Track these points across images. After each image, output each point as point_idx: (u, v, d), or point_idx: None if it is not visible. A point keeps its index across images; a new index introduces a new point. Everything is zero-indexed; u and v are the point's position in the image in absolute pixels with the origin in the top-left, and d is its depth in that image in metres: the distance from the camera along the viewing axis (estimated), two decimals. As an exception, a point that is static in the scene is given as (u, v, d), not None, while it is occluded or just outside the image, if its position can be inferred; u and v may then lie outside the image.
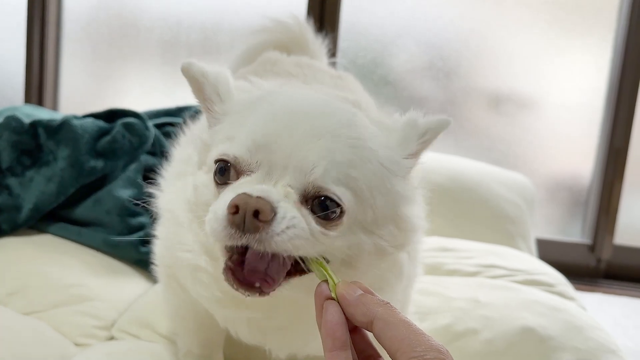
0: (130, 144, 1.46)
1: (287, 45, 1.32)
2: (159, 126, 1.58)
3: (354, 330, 0.56)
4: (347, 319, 0.55)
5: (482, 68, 2.45)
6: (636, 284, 2.41)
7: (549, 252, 2.17)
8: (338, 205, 0.63)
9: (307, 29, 1.39)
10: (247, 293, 0.63)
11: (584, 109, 2.44)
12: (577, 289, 1.54)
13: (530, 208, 1.85)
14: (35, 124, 1.41)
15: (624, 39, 2.34)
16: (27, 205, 1.35)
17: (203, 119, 0.79)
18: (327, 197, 0.63)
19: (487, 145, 2.46)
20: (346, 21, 2.41)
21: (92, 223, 1.38)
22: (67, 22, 2.58)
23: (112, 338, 1.14)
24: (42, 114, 1.71)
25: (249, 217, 0.59)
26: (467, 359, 1.05)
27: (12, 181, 1.37)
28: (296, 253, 0.62)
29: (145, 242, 1.35)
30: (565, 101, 2.43)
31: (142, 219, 1.39)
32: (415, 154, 0.73)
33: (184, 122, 0.96)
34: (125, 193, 1.40)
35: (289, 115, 0.67)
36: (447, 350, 0.50)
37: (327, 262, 0.65)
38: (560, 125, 2.45)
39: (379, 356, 0.57)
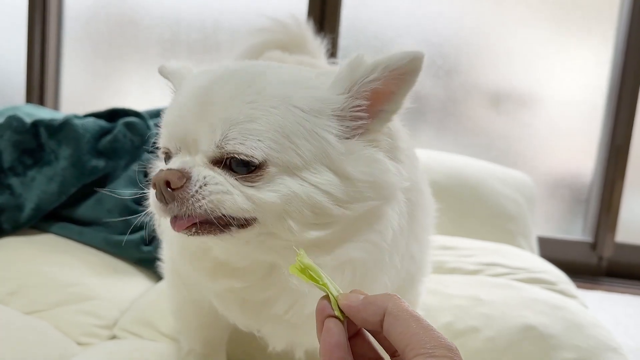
0: (131, 143, 1.46)
1: (287, 45, 1.32)
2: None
3: (356, 334, 0.56)
4: (349, 322, 0.54)
5: (483, 66, 2.45)
6: (638, 282, 2.41)
7: (550, 250, 2.17)
8: (249, 160, 0.65)
9: (307, 29, 1.40)
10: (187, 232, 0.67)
11: (585, 106, 2.44)
12: (579, 287, 1.54)
13: (531, 206, 1.85)
14: (37, 124, 1.41)
15: (625, 36, 2.34)
16: (29, 205, 1.35)
17: None
18: (236, 157, 0.65)
19: (487, 143, 2.46)
20: (346, 19, 2.41)
21: (93, 222, 1.38)
22: (68, 21, 2.58)
23: (114, 337, 1.14)
24: (43, 113, 1.71)
25: (163, 189, 0.65)
26: (468, 357, 1.05)
27: (13, 181, 1.37)
28: (223, 210, 0.65)
29: (147, 241, 1.35)
30: (566, 98, 2.43)
31: (144, 218, 1.39)
32: (369, 99, 0.68)
33: None
34: (126, 192, 1.40)
35: (189, 94, 0.70)
36: (456, 348, 0.50)
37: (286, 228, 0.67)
38: (561, 122, 2.45)
39: (381, 359, 0.57)
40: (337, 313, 0.54)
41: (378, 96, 0.69)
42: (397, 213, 0.74)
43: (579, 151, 2.48)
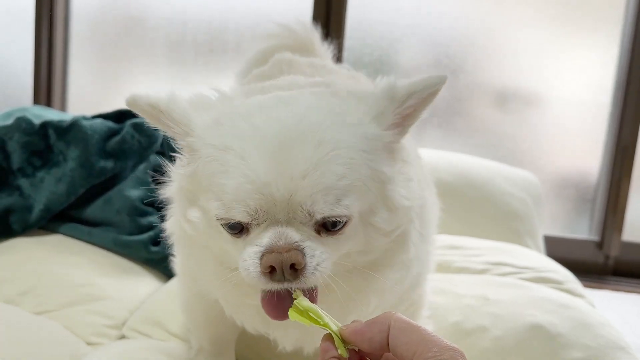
0: (139, 144, 1.47)
1: (295, 49, 1.33)
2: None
3: None
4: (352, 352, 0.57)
5: (488, 65, 2.45)
6: (644, 280, 2.40)
7: (556, 249, 2.17)
8: (345, 219, 0.67)
9: (314, 33, 1.42)
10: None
11: (590, 105, 2.43)
12: (586, 286, 1.54)
13: (537, 205, 1.85)
14: (46, 125, 1.42)
15: (631, 34, 2.33)
16: (38, 206, 1.36)
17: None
18: (332, 220, 0.66)
19: (493, 143, 2.46)
20: (352, 19, 2.41)
21: (102, 223, 1.39)
22: (75, 22, 2.59)
23: (123, 337, 1.15)
24: (51, 114, 1.72)
25: (287, 270, 0.64)
26: (476, 356, 1.05)
27: (23, 182, 1.38)
28: (323, 280, 0.67)
29: (155, 241, 1.36)
30: (572, 98, 2.42)
31: (152, 219, 1.40)
32: (399, 124, 0.71)
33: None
34: (135, 193, 1.41)
35: (262, 158, 0.65)
36: (460, 349, 0.52)
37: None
38: (567, 121, 2.44)
39: None
40: (340, 351, 0.57)
41: (405, 118, 0.72)
42: (415, 229, 0.78)
43: (585, 150, 2.47)
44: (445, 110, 2.43)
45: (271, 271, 0.64)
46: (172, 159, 0.81)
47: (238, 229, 0.67)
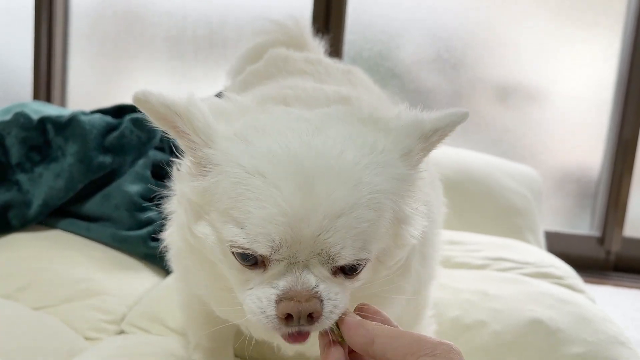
0: (138, 139, 1.46)
1: (287, 44, 1.33)
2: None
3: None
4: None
5: (489, 59, 2.44)
6: (646, 276, 2.40)
7: (557, 244, 2.16)
8: (365, 263, 0.64)
9: (306, 29, 1.41)
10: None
11: (592, 100, 2.42)
12: (587, 282, 1.54)
13: (538, 200, 1.85)
14: (44, 120, 1.41)
15: (633, 28, 2.32)
16: (37, 201, 1.36)
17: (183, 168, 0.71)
18: (354, 265, 0.63)
19: (494, 138, 2.45)
20: (353, 13, 2.40)
21: (100, 218, 1.39)
22: (74, 18, 2.59)
23: (122, 332, 1.15)
24: (50, 110, 1.71)
25: (304, 318, 0.60)
26: (476, 351, 1.05)
27: (21, 177, 1.38)
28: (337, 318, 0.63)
29: (154, 237, 1.36)
30: (574, 92, 2.42)
31: (151, 214, 1.39)
32: (420, 161, 0.69)
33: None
34: (133, 188, 1.41)
35: (301, 188, 0.60)
36: (455, 345, 0.52)
37: None
38: (568, 116, 2.44)
39: None
40: (337, 336, 0.58)
41: (425, 151, 0.70)
42: (416, 259, 0.78)
43: (586, 145, 2.47)
44: (446, 105, 2.42)
45: (287, 317, 0.60)
46: (171, 163, 0.75)
47: (252, 262, 0.62)
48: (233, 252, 0.62)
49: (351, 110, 0.76)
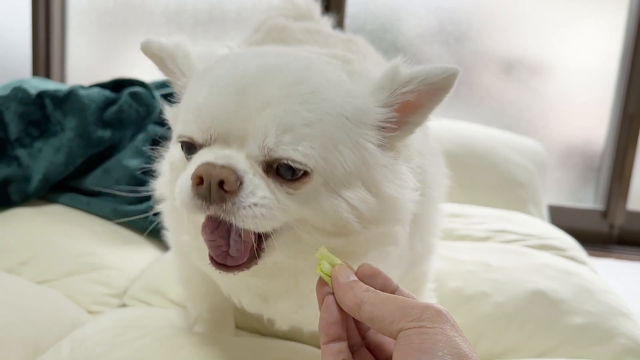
0: (137, 113, 1.45)
1: (295, 19, 1.31)
2: (165, 96, 1.57)
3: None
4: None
5: (494, 32, 2.41)
6: (649, 249, 2.39)
7: (561, 218, 2.16)
8: (300, 168, 0.62)
9: (314, 5, 1.39)
10: (224, 273, 0.64)
11: (597, 73, 2.39)
12: (590, 255, 1.53)
13: (541, 173, 1.84)
14: (42, 95, 1.40)
15: (638, 1, 2.28)
16: (37, 176, 1.35)
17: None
18: (285, 163, 0.62)
19: (498, 111, 2.43)
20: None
21: (101, 193, 1.38)
22: (72, -8, 2.56)
23: (124, 305, 1.15)
24: (49, 86, 1.70)
25: (214, 187, 0.59)
26: (478, 321, 1.05)
27: (21, 152, 1.37)
28: (262, 229, 0.62)
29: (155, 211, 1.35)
30: (578, 65, 2.39)
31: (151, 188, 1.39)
32: (394, 105, 0.66)
33: None
34: (133, 163, 1.40)
35: (232, 83, 0.64)
36: (446, 310, 0.50)
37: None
38: (573, 89, 2.41)
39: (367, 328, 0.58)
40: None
41: (407, 108, 0.67)
42: (407, 232, 0.74)
43: (591, 119, 2.44)
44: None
45: (199, 183, 0.60)
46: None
47: (193, 153, 0.65)
48: (182, 149, 0.67)
49: (342, 63, 0.75)
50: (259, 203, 0.60)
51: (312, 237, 0.66)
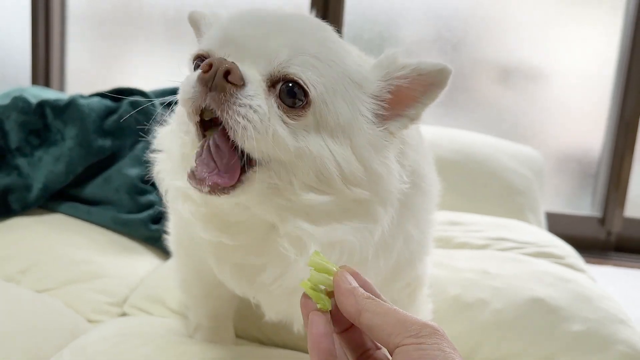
0: (137, 122, 1.45)
1: None
2: (165, 105, 1.57)
3: (350, 326, 0.57)
4: (335, 319, 0.56)
5: (490, 39, 2.42)
6: (646, 256, 2.40)
7: (558, 225, 2.16)
8: (305, 91, 0.65)
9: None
10: (202, 189, 0.65)
11: (594, 79, 2.41)
12: (588, 262, 1.54)
13: (539, 180, 1.84)
14: (43, 104, 1.41)
15: (634, 6, 2.29)
16: (37, 185, 1.36)
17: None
18: (294, 83, 0.65)
19: (495, 118, 2.44)
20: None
21: (101, 201, 1.39)
22: (71, 2, 2.57)
23: (123, 314, 1.15)
24: (49, 95, 1.71)
25: (220, 74, 0.63)
26: (476, 329, 1.06)
27: (21, 161, 1.38)
28: (247, 144, 0.64)
29: (155, 219, 1.36)
30: (575, 72, 2.40)
31: (151, 197, 1.39)
32: (389, 87, 0.70)
33: None
34: (133, 171, 1.41)
35: (258, 13, 0.70)
36: (441, 328, 0.51)
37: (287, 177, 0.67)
38: (569, 96, 2.42)
39: (379, 347, 0.58)
40: (319, 305, 0.55)
41: (402, 97, 0.71)
42: (391, 215, 0.74)
43: (587, 125, 2.45)
44: (448, 85, 2.40)
45: (207, 70, 0.63)
46: None
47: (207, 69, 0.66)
48: (194, 69, 0.69)
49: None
50: (254, 107, 0.63)
51: (292, 191, 0.67)
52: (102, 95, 1.52)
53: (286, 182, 0.68)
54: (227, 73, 0.62)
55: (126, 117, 1.43)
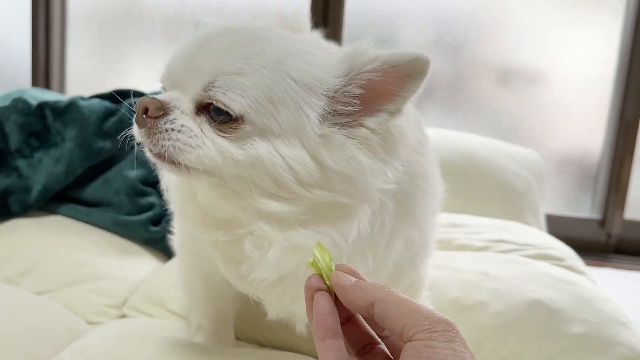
0: (137, 123, 1.46)
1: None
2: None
3: (347, 321, 0.56)
4: (340, 308, 0.54)
5: (491, 41, 2.42)
6: (646, 258, 2.40)
7: (558, 227, 2.16)
8: (226, 110, 0.66)
9: (305, 20, 1.40)
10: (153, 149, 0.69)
11: (593, 81, 2.41)
12: (587, 264, 1.54)
13: (539, 183, 1.84)
14: (42, 106, 1.41)
15: (635, 9, 2.30)
16: (37, 187, 1.36)
17: None
18: (215, 105, 0.67)
19: (496, 120, 2.44)
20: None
21: (101, 203, 1.39)
22: (72, 3, 2.57)
23: (123, 316, 1.15)
24: (49, 96, 1.71)
25: (139, 114, 0.68)
26: (476, 331, 1.05)
27: (21, 163, 1.37)
28: (181, 160, 0.68)
29: (155, 221, 1.36)
30: (575, 74, 2.40)
31: (151, 199, 1.39)
32: (358, 81, 0.66)
33: None
34: (133, 173, 1.41)
35: (192, 40, 0.72)
36: (453, 322, 0.50)
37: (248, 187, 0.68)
38: (569, 98, 2.42)
39: (378, 342, 0.56)
40: (327, 285, 0.55)
41: (377, 92, 0.67)
42: (368, 215, 0.72)
43: (588, 127, 2.45)
44: (447, 88, 2.41)
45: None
46: None
47: None
48: None
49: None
50: (176, 128, 0.67)
51: (252, 197, 0.69)
52: (102, 97, 1.52)
53: (246, 190, 0.69)
54: (145, 110, 0.67)
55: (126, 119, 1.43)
